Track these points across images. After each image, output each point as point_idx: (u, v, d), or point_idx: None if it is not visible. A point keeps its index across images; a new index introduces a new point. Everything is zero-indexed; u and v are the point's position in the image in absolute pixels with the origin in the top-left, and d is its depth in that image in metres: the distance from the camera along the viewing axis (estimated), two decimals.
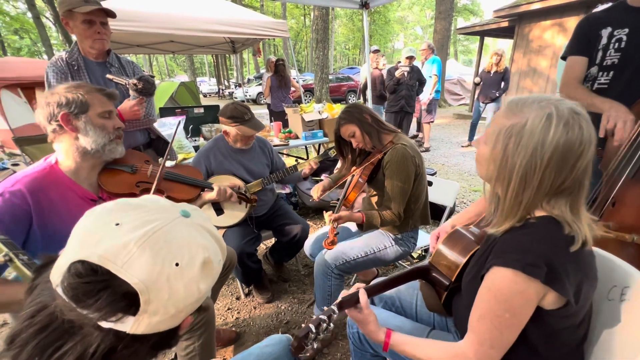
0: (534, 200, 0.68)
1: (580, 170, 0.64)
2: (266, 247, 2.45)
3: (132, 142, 1.75)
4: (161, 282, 0.41)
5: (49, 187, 0.99)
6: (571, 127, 0.62)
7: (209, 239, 0.48)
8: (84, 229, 0.43)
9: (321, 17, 10.46)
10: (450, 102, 11.89)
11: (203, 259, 0.45)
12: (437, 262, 0.95)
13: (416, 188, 1.50)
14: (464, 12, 30.31)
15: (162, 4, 3.79)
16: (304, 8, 25.93)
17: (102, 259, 0.39)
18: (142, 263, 0.40)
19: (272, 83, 5.13)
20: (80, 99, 1.00)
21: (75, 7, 1.48)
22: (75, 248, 0.40)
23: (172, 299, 0.42)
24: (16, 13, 21.90)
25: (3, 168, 3.54)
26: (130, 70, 1.79)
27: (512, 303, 0.65)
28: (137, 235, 0.41)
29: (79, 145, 1.03)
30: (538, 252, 0.63)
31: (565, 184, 0.65)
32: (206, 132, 3.03)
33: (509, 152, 0.67)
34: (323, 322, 0.77)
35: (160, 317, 0.42)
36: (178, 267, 0.42)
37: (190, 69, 23.11)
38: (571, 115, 0.63)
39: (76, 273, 0.38)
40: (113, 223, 0.42)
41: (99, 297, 0.38)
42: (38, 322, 0.40)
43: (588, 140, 0.63)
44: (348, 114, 1.50)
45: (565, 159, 0.63)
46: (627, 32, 1.31)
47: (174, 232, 0.44)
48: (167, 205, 0.48)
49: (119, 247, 0.40)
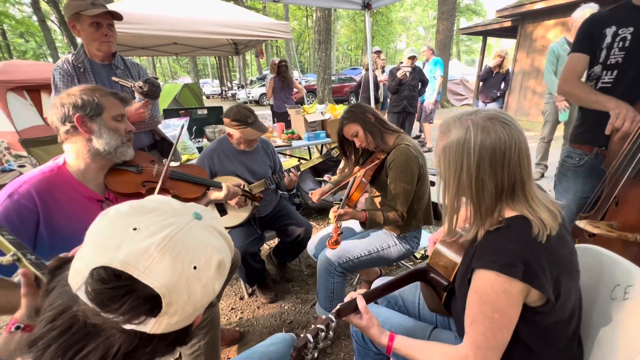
0: (487, 205, 0.72)
1: (512, 166, 0.68)
2: (269, 247, 2.46)
3: (137, 144, 1.77)
4: (181, 285, 0.42)
5: (56, 188, 1.00)
6: (487, 132, 0.68)
7: (220, 240, 0.50)
8: (100, 233, 0.43)
9: (323, 18, 10.48)
10: (453, 102, 11.86)
11: (218, 260, 0.47)
12: (435, 263, 0.95)
13: (419, 188, 1.51)
14: (467, 12, 30.20)
15: (166, 7, 3.82)
16: (307, 9, 26.00)
17: (125, 265, 0.40)
18: (163, 267, 0.41)
19: (274, 84, 5.15)
20: (95, 101, 1.02)
21: (83, 10, 1.50)
22: (94, 253, 0.41)
23: (191, 300, 0.44)
24: (22, 16, 22.14)
25: (10, 169, 3.58)
26: (135, 72, 1.81)
27: (499, 303, 0.67)
28: (156, 240, 0.42)
29: (91, 146, 1.05)
30: (513, 252, 0.66)
31: (505, 182, 0.70)
32: (209, 133, 3.05)
33: (446, 168, 0.74)
34: (321, 331, 0.78)
35: (178, 317, 0.43)
36: (196, 270, 0.44)
37: (194, 70, 23.21)
38: (486, 122, 0.69)
39: (100, 279, 0.39)
40: (131, 227, 0.42)
41: (123, 302, 0.39)
42: (59, 325, 0.41)
43: (508, 138, 0.68)
44: (351, 113, 1.51)
45: (492, 160, 0.68)
46: (631, 31, 1.31)
47: (190, 235, 0.45)
48: (179, 207, 0.49)
49: (140, 252, 0.41)
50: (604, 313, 0.76)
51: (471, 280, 0.72)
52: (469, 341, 0.72)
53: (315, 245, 1.77)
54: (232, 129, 1.74)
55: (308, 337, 0.76)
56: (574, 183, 1.55)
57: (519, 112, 7.60)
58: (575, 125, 1.58)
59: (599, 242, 1.08)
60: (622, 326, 0.70)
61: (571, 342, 0.76)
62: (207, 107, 3.30)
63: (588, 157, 1.49)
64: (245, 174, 1.87)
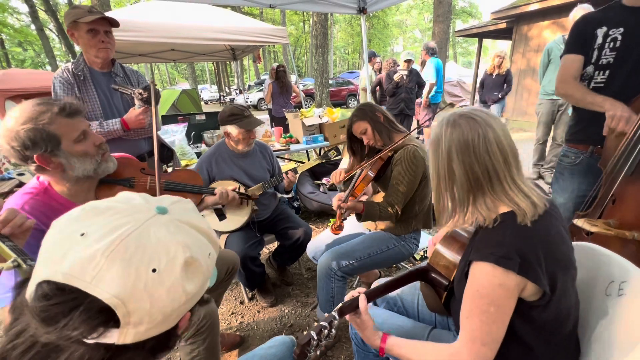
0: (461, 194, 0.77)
1: (479, 155, 0.73)
2: (269, 251, 2.46)
3: (136, 151, 1.78)
4: (138, 292, 0.38)
5: (49, 209, 0.95)
6: (452, 126, 0.76)
7: (192, 234, 0.45)
8: (49, 243, 0.39)
9: (320, 23, 10.56)
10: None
11: (184, 259, 0.42)
12: (435, 262, 0.96)
13: (422, 189, 1.52)
14: (462, 15, 30.43)
15: (163, 14, 3.85)
16: (303, 14, 26.18)
17: (68, 277, 0.36)
18: (113, 275, 0.37)
19: (273, 89, 5.18)
20: (45, 133, 0.87)
21: (80, 17, 1.53)
22: (41, 266, 0.38)
23: (156, 307, 0.39)
24: (20, 25, 22.26)
25: (9, 178, 3.58)
26: (134, 79, 1.83)
27: (495, 296, 0.68)
28: (104, 244, 0.37)
29: (68, 176, 0.96)
30: (509, 244, 0.68)
31: (477, 170, 0.74)
32: (208, 139, 3.06)
33: (429, 163, 0.83)
34: (324, 328, 0.79)
35: (147, 325, 0.39)
36: (156, 273, 0.39)
37: (192, 76, 23.32)
38: (456, 117, 0.77)
39: (43, 295, 0.36)
40: (78, 233, 0.38)
41: (71, 317, 0.36)
42: (21, 343, 0.38)
43: (471, 130, 0.74)
44: (361, 111, 1.54)
45: (458, 150, 0.75)
46: (622, 32, 1.33)
47: (148, 234, 0.40)
48: (140, 203, 0.45)
49: (85, 261, 0.36)
50: (599, 309, 0.77)
51: (468, 273, 0.73)
52: (464, 336, 0.72)
53: (315, 248, 1.77)
54: (230, 125, 1.75)
55: (312, 335, 0.77)
56: (571, 182, 1.56)
57: (516, 112, 7.65)
58: (571, 125, 1.59)
59: (597, 240, 1.09)
60: (617, 322, 0.71)
61: (568, 340, 0.77)
62: (205, 112, 3.32)
63: (584, 155, 1.50)
64: (244, 178, 1.87)
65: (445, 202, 0.81)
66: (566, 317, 0.74)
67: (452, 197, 0.79)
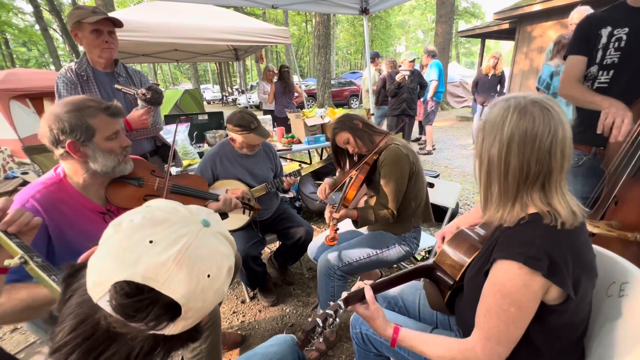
0: (510, 187, 0.72)
1: (542, 152, 0.67)
2: (270, 250, 2.47)
3: (139, 150, 1.79)
4: (197, 293, 0.45)
5: (60, 201, 0.99)
6: (524, 114, 0.68)
7: (227, 245, 0.53)
8: (117, 246, 0.45)
9: (322, 23, 10.58)
10: (452, 105, 11.88)
11: (228, 267, 0.51)
12: (441, 261, 0.96)
13: (414, 185, 1.53)
14: (465, 15, 30.34)
15: (167, 14, 3.86)
16: (306, 15, 26.21)
17: (146, 279, 0.42)
18: (181, 279, 0.44)
19: (276, 89, 5.18)
20: (85, 124, 0.96)
21: (84, 18, 1.54)
22: (114, 267, 0.43)
23: (205, 305, 0.48)
24: (24, 25, 22.41)
25: (13, 177, 3.61)
26: (137, 79, 1.84)
27: (517, 296, 0.66)
28: (173, 253, 0.45)
29: (88, 167, 1.02)
30: (540, 245, 0.65)
31: (532, 167, 0.69)
32: (210, 139, 3.07)
33: (480, 145, 0.75)
34: (330, 316, 0.80)
35: (192, 319, 0.47)
36: (209, 279, 0.47)
37: (194, 76, 23.40)
38: (528, 104, 0.68)
39: (124, 293, 0.42)
40: (147, 240, 0.45)
41: (148, 312, 0.42)
42: (82, 333, 0.44)
43: (543, 123, 0.67)
44: (340, 123, 1.57)
45: (522, 140, 0.68)
46: (627, 32, 1.32)
47: (202, 245, 0.48)
48: (187, 215, 0.51)
49: (159, 266, 0.43)
50: (600, 310, 0.77)
51: (489, 271, 0.71)
52: (479, 333, 0.71)
53: (316, 249, 1.78)
54: (235, 134, 1.76)
55: (317, 322, 0.78)
56: (574, 183, 1.55)
57: None
58: (573, 126, 1.59)
59: (599, 242, 1.08)
60: (618, 322, 0.71)
61: (577, 346, 0.76)
62: (207, 112, 3.32)
63: (586, 157, 1.50)
64: (247, 178, 1.88)
65: (494, 190, 0.75)
66: (580, 323, 0.73)
67: (500, 186, 0.73)
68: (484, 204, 0.78)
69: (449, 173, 4.48)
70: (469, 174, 4.40)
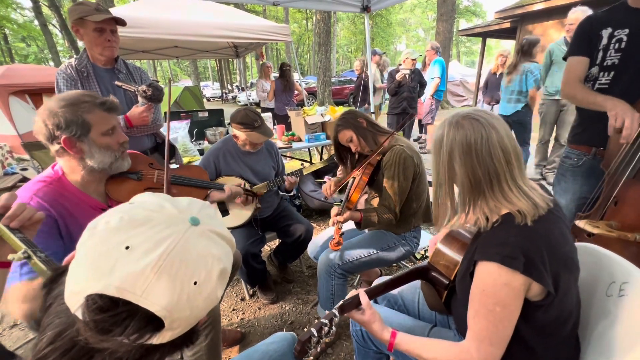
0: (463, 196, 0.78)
1: (481, 157, 0.73)
2: (270, 248, 2.47)
3: (139, 147, 1.79)
4: (182, 303, 0.41)
5: (62, 197, 0.99)
6: (455, 128, 0.76)
7: (221, 245, 0.47)
8: (92, 253, 0.41)
9: (323, 21, 10.54)
10: (453, 104, 11.88)
11: (220, 270, 0.45)
12: (436, 261, 0.96)
13: (417, 186, 1.53)
14: (466, 14, 30.26)
15: (167, 11, 3.84)
16: (306, 12, 26.12)
17: (121, 291, 0.38)
18: (161, 289, 0.39)
19: (276, 87, 5.17)
20: (80, 119, 0.94)
21: (87, 15, 1.52)
22: (87, 276, 0.39)
23: (194, 313, 0.43)
24: (23, 21, 22.28)
25: (12, 173, 3.60)
26: (137, 76, 1.83)
27: (500, 296, 0.68)
28: (151, 259, 0.39)
29: (84, 164, 1.01)
30: (514, 244, 0.68)
31: (478, 173, 0.74)
32: (210, 136, 3.07)
33: (432, 163, 0.83)
34: (325, 325, 0.80)
35: (183, 327, 0.43)
36: (197, 286, 0.42)
37: (194, 73, 23.34)
38: (459, 119, 0.76)
39: (98, 307, 0.38)
40: (123, 246, 0.40)
41: (125, 326, 0.38)
42: (60, 346, 0.40)
43: (474, 132, 0.73)
44: (343, 120, 1.55)
45: (461, 151, 0.75)
46: (627, 33, 1.32)
47: (188, 248, 0.43)
48: (173, 213, 0.46)
49: (136, 276, 0.38)
50: (600, 310, 0.77)
51: (474, 273, 0.73)
52: (471, 335, 0.73)
53: (316, 248, 1.78)
54: (238, 131, 1.76)
55: (312, 332, 0.78)
56: (573, 183, 1.56)
57: None
58: (573, 126, 1.59)
59: (598, 242, 1.09)
60: (618, 322, 0.71)
61: (569, 340, 0.77)
62: (207, 109, 3.32)
63: (586, 157, 1.50)
64: (249, 175, 1.89)
65: (446, 203, 0.81)
66: (567, 317, 0.74)
67: (452, 199, 0.79)
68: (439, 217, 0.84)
69: None
70: None
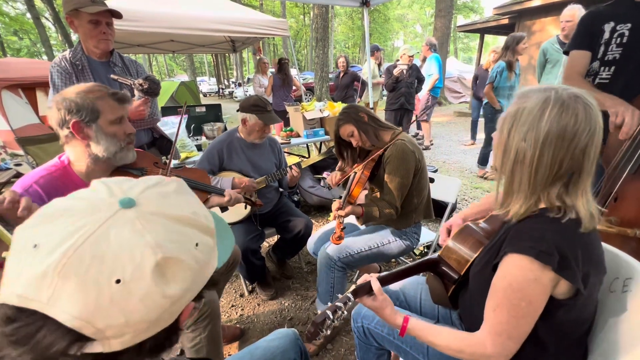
0: (538, 182, 0.68)
1: (577, 151, 0.64)
2: (269, 244, 2.46)
3: (136, 142, 1.75)
4: (104, 308, 0.33)
5: (63, 188, 0.99)
6: (566, 109, 0.64)
7: (167, 228, 0.38)
8: (12, 254, 0.35)
9: (321, 16, 10.44)
10: (450, 100, 11.88)
11: (155, 262, 0.35)
12: (447, 256, 0.96)
13: (418, 182, 1.52)
14: (464, 10, 30.17)
15: (163, 4, 3.79)
16: (304, 7, 25.89)
17: (23, 299, 0.32)
18: (69, 294, 0.32)
19: (274, 82, 5.12)
20: (90, 105, 0.98)
21: (82, 6, 1.49)
22: (5, 280, 0.34)
23: (134, 318, 0.34)
24: (16, 14, 21.89)
25: (6, 168, 3.55)
26: (133, 69, 1.80)
27: (528, 291, 0.66)
28: (54, 258, 0.32)
29: (90, 152, 1.03)
30: (551, 240, 0.65)
31: (564, 165, 0.66)
32: (208, 131, 3.04)
33: (509, 135, 0.70)
34: (339, 309, 0.80)
35: (132, 334, 0.35)
36: (120, 284, 0.33)
37: (190, 68, 23.09)
38: (569, 99, 0.64)
39: (5, 318, 0.33)
40: (31, 245, 0.33)
41: (41, 337, 0.32)
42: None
43: (585, 122, 0.63)
44: (345, 114, 1.54)
45: (560, 137, 0.64)
46: (629, 27, 1.32)
47: (106, 239, 0.34)
48: (103, 198, 0.38)
49: (38, 279, 0.32)
50: (603, 306, 0.77)
51: (498, 265, 0.71)
52: (489, 328, 0.71)
53: (315, 243, 1.77)
54: (250, 114, 1.77)
55: (328, 314, 0.78)
56: None
57: None
58: None
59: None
60: (621, 318, 0.71)
61: (580, 343, 0.76)
62: (205, 104, 3.29)
63: None
64: (249, 170, 1.88)
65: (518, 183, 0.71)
66: (586, 319, 0.73)
67: (526, 181, 0.69)
68: (505, 195, 0.75)
69: (446, 168, 4.50)
70: (466, 169, 4.42)
